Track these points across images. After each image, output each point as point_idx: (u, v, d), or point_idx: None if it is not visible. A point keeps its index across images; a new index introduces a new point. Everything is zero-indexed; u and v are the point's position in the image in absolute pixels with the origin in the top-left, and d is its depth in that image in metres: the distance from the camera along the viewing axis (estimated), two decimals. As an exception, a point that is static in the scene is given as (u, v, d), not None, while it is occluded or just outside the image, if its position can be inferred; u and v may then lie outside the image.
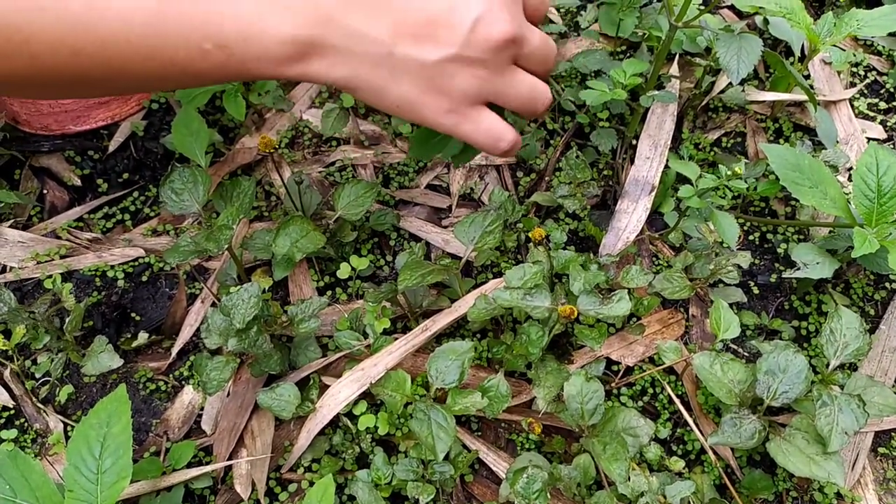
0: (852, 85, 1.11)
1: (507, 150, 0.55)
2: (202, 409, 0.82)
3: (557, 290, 0.79)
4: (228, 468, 0.77)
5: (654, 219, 0.96)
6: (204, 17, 0.46)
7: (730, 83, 1.07)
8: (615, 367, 0.84)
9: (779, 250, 0.95)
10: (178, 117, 0.88)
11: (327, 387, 0.78)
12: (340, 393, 0.77)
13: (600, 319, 0.77)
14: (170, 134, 0.97)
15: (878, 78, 1.12)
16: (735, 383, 0.73)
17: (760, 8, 0.89)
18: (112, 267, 0.90)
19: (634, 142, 0.98)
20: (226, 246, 0.74)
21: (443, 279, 0.78)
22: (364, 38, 0.49)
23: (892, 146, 1.05)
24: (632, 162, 0.96)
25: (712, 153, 1.02)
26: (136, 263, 0.91)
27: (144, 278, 0.90)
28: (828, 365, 0.74)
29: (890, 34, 1.06)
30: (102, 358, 0.83)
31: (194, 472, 0.75)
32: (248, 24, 0.46)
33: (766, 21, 1.07)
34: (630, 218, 0.91)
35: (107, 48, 0.45)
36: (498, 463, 0.78)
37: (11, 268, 0.90)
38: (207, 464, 0.77)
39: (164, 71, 0.47)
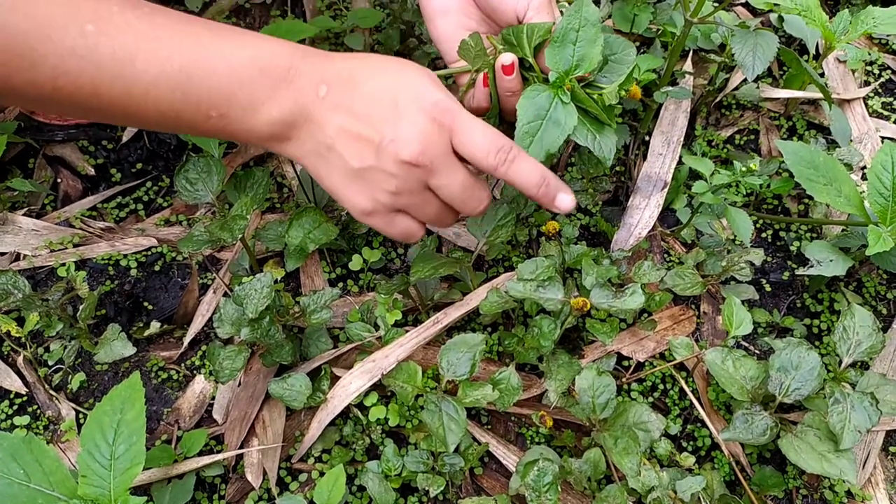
0: (866, 83, 1.11)
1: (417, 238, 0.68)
2: (213, 398, 0.82)
3: (569, 284, 0.79)
4: (240, 457, 0.78)
5: (666, 215, 0.96)
6: (217, 92, 0.56)
7: (744, 80, 1.06)
8: (626, 363, 0.84)
9: (791, 248, 0.94)
10: (193, 108, 0.88)
11: (338, 378, 0.78)
12: (352, 384, 0.77)
13: (611, 314, 0.77)
14: (183, 125, 0.97)
15: (892, 77, 1.12)
16: (747, 380, 0.73)
17: (775, 5, 0.89)
18: (125, 256, 0.91)
19: (647, 138, 0.98)
20: (240, 236, 0.74)
21: (454, 272, 0.78)
22: (317, 132, 0.59)
23: (906, 145, 1.04)
24: (644, 158, 0.95)
25: (725, 150, 1.02)
26: (149, 253, 0.91)
27: (157, 268, 0.91)
28: (840, 363, 0.74)
29: (905, 33, 1.05)
30: (115, 346, 0.83)
31: (206, 460, 0.75)
32: (249, 104, 0.57)
33: (780, 18, 1.06)
34: (642, 214, 0.91)
35: (126, 97, 0.53)
36: (508, 456, 0.78)
37: (25, 255, 0.90)
38: (219, 452, 0.77)
39: (168, 121, 0.56)
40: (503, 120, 0.75)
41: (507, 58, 0.67)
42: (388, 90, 0.59)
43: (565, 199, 0.64)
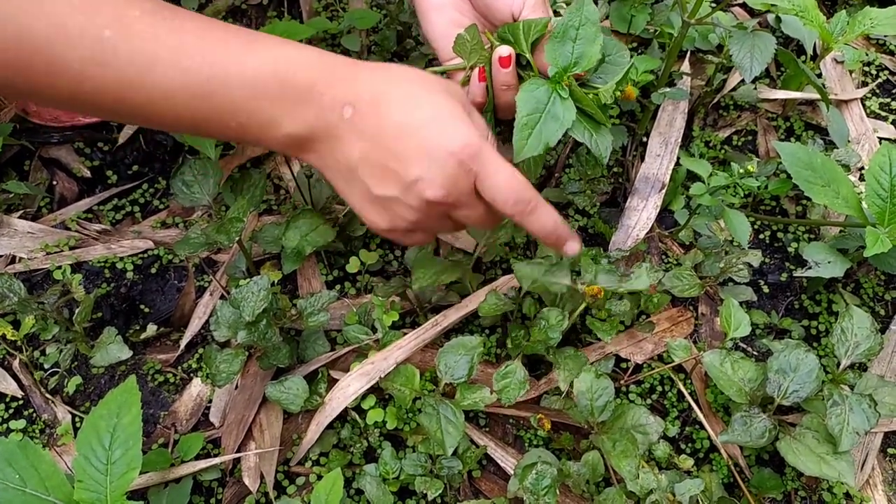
0: (864, 84, 1.11)
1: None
2: (210, 401, 0.82)
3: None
4: (237, 461, 0.77)
5: (664, 216, 0.96)
6: (238, 105, 0.55)
7: (741, 81, 1.06)
8: (624, 365, 0.84)
9: (789, 249, 0.94)
10: (189, 110, 0.88)
11: (335, 381, 0.78)
12: (350, 386, 0.76)
13: (611, 314, 0.77)
14: (179, 126, 0.97)
15: (889, 77, 1.12)
16: (745, 382, 0.73)
17: (773, 5, 0.89)
18: (121, 259, 0.90)
19: (645, 139, 0.98)
20: (236, 238, 0.74)
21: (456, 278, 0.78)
22: (339, 151, 0.60)
23: (903, 146, 1.04)
24: (642, 159, 0.95)
25: (723, 151, 1.02)
26: (146, 255, 0.91)
27: (153, 270, 0.90)
28: (838, 364, 0.74)
29: (903, 33, 1.05)
30: (111, 349, 0.83)
31: (203, 464, 0.75)
32: (269, 118, 0.57)
33: (778, 19, 1.06)
34: (640, 215, 0.91)
35: (148, 104, 0.53)
36: (506, 459, 0.78)
37: (21, 258, 0.90)
38: (216, 456, 0.77)
39: (187, 127, 0.57)
40: (497, 116, 0.75)
41: (505, 50, 0.68)
42: (417, 125, 0.58)
43: (573, 246, 0.68)
